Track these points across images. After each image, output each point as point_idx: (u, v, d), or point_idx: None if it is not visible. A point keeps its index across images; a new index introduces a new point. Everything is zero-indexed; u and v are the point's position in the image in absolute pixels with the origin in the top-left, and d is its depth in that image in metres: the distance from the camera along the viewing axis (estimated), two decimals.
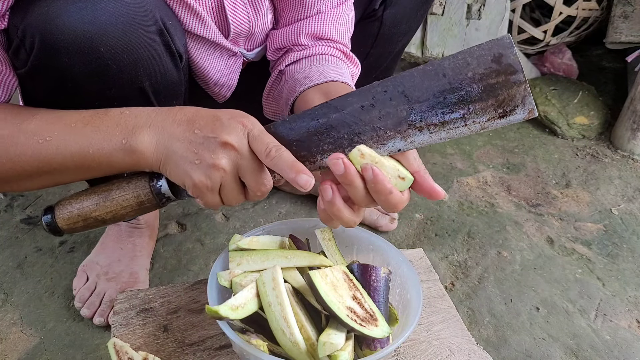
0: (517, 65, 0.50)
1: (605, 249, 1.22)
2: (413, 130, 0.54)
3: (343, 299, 0.57)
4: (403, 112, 0.54)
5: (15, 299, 1.04)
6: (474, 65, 0.51)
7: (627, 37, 1.72)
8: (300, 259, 0.64)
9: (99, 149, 0.58)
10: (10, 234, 1.19)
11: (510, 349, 0.97)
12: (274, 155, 0.55)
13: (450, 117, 0.53)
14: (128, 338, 0.68)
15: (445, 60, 0.52)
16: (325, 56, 0.82)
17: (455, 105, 0.52)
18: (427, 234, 1.24)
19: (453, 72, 0.51)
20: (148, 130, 0.57)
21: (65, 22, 0.59)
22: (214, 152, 0.55)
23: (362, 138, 0.56)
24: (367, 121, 0.55)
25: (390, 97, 0.54)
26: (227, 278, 0.62)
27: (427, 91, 0.52)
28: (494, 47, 0.50)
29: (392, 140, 0.55)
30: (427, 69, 0.52)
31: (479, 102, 0.51)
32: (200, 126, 0.56)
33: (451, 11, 1.67)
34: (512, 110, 0.51)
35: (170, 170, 0.58)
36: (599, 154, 1.57)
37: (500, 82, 0.50)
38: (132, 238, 1.08)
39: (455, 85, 0.52)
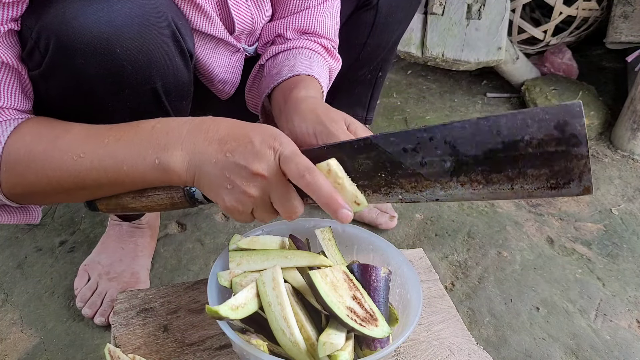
0: (582, 138, 0.45)
1: (605, 249, 1.22)
2: (455, 183, 0.51)
3: (343, 299, 0.57)
4: (447, 164, 0.51)
5: (15, 299, 1.04)
6: (533, 129, 0.47)
7: (627, 37, 1.72)
8: (300, 259, 0.64)
9: (132, 167, 0.58)
10: (10, 234, 1.19)
11: (510, 349, 0.97)
12: (309, 181, 0.53)
13: (497, 178, 0.49)
14: (128, 338, 0.68)
15: (502, 118, 0.48)
16: (300, 49, 0.82)
17: (504, 166, 0.49)
18: (427, 234, 1.24)
19: (508, 132, 0.48)
20: (180, 149, 0.57)
21: (82, 24, 0.59)
22: (245, 180, 0.55)
23: (400, 181, 0.53)
24: (407, 165, 0.52)
25: (436, 145, 0.51)
26: (227, 278, 0.62)
27: (476, 146, 0.49)
28: (561, 113, 0.46)
29: (431, 189, 0.53)
30: (480, 124, 0.49)
31: (531, 169, 0.48)
32: (232, 149, 0.55)
33: (451, 11, 1.67)
34: (565, 183, 0.47)
35: (203, 188, 0.58)
36: (599, 154, 1.57)
37: (560, 152, 0.46)
38: (134, 238, 1.08)
39: (509, 146, 0.48)
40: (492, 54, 1.66)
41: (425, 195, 0.53)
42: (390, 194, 0.55)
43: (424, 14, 1.69)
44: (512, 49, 1.80)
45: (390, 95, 1.92)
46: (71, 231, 1.20)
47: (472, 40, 1.66)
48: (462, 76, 2.04)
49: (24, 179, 0.61)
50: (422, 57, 1.70)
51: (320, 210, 1.27)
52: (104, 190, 0.62)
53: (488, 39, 1.66)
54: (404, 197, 0.54)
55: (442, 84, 2.00)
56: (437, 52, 1.68)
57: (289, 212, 0.58)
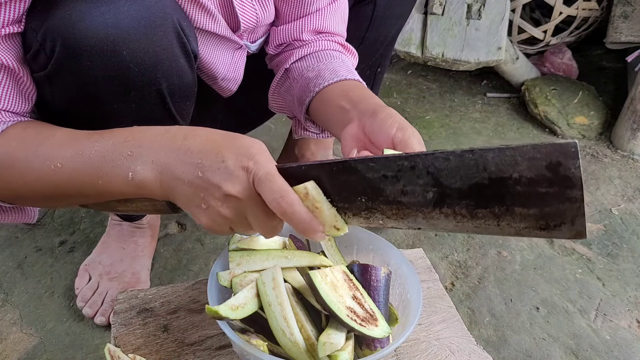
0: (576, 180, 0.41)
1: (605, 249, 1.22)
2: (438, 214, 0.48)
3: (343, 299, 0.57)
4: (429, 194, 0.48)
5: (15, 299, 1.04)
6: (522, 168, 0.43)
7: (627, 37, 1.72)
8: (300, 259, 0.64)
9: (108, 182, 0.57)
10: (10, 234, 1.19)
11: (510, 349, 0.97)
12: (285, 209, 0.51)
13: (482, 213, 0.46)
14: (128, 338, 0.68)
15: (489, 152, 0.44)
16: (328, 52, 0.83)
17: (490, 202, 0.46)
18: (427, 234, 1.24)
19: (496, 168, 0.44)
20: (151, 166, 0.55)
21: (89, 26, 0.59)
22: (219, 201, 0.53)
23: (380, 207, 0.51)
24: (388, 192, 0.50)
25: (418, 174, 0.48)
26: (227, 278, 0.62)
27: (461, 180, 0.46)
28: (554, 153, 0.42)
29: (413, 217, 0.50)
30: (465, 157, 0.46)
31: (519, 207, 0.44)
32: (204, 168, 0.53)
33: (451, 11, 1.67)
34: (557, 226, 0.44)
35: (180, 205, 0.57)
36: (599, 154, 1.57)
37: (551, 194, 0.43)
38: (135, 238, 1.08)
39: (495, 183, 0.45)
40: (492, 54, 1.66)
41: (407, 223, 0.51)
42: (371, 218, 0.52)
43: (424, 14, 1.69)
44: (512, 49, 1.80)
45: (390, 95, 1.92)
46: (71, 231, 1.20)
47: (472, 40, 1.66)
48: (462, 76, 2.04)
49: (7, 183, 0.60)
50: (422, 57, 1.70)
51: None
52: (89, 199, 0.62)
53: (488, 39, 1.66)
54: (385, 222, 0.52)
55: (442, 84, 2.00)
56: (437, 52, 1.68)
57: (266, 232, 0.56)
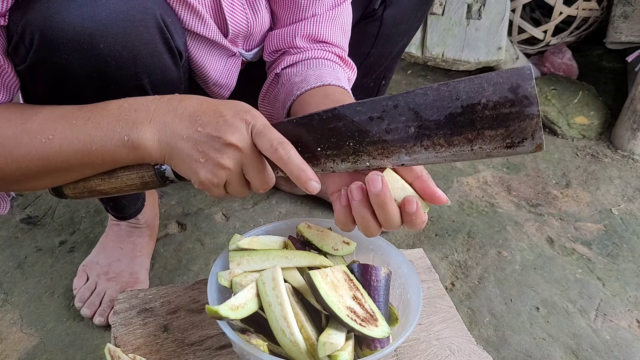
0: (533, 98, 0.49)
1: (605, 249, 1.22)
2: (419, 147, 0.54)
3: (343, 299, 0.57)
4: (411, 129, 0.54)
5: (15, 299, 1.04)
6: (489, 92, 0.50)
7: (627, 37, 1.72)
8: (301, 259, 0.64)
9: (102, 146, 0.58)
10: (10, 234, 1.19)
11: (510, 349, 0.97)
12: (282, 154, 0.55)
13: (457, 140, 0.52)
14: (128, 338, 0.68)
15: (460, 83, 0.51)
16: (321, 60, 0.82)
17: (463, 128, 0.52)
18: (427, 234, 1.24)
19: (467, 96, 0.51)
20: (149, 125, 0.57)
21: (65, 19, 0.59)
22: (218, 152, 0.56)
23: (367, 148, 0.56)
24: (374, 133, 0.55)
25: (400, 112, 0.54)
26: (227, 278, 0.62)
27: (437, 111, 0.52)
28: (513, 76, 0.49)
29: (397, 154, 0.55)
30: (441, 89, 0.52)
31: (488, 130, 0.51)
32: (204, 123, 0.56)
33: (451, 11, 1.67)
34: (520, 142, 0.50)
35: (176, 165, 0.58)
36: (599, 154, 1.57)
37: (513, 113, 0.50)
38: (132, 238, 1.08)
39: (467, 110, 0.51)
40: (492, 54, 1.66)
41: (392, 161, 0.56)
42: (358, 161, 0.57)
43: None
44: (512, 49, 1.79)
45: None
46: (71, 231, 1.20)
47: (472, 40, 1.66)
48: (462, 76, 2.03)
49: None
50: (422, 57, 1.70)
51: (320, 210, 1.27)
52: (74, 172, 0.62)
53: (488, 39, 1.66)
54: (371, 163, 0.57)
55: None
56: (437, 52, 1.67)
57: (262, 183, 0.58)
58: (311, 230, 0.69)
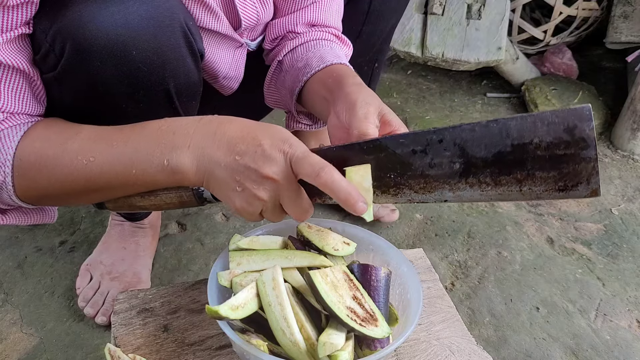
0: (591, 141, 0.46)
1: (605, 249, 1.22)
2: (464, 184, 0.52)
3: (343, 299, 0.57)
4: (456, 165, 0.51)
5: (15, 299, 1.04)
6: (542, 132, 0.47)
7: (627, 37, 1.72)
8: (301, 259, 0.64)
9: (142, 170, 0.58)
10: (10, 234, 1.19)
11: (510, 349, 0.97)
12: (326, 178, 0.53)
13: (505, 180, 0.50)
14: (128, 338, 0.68)
15: (512, 120, 0.48)
16: (319, 41, 0.83)
17: (513, 168, 0.49)
18: (427, 234, 1.24)
19: (518, 135, 0.48)
20: (187, 151, 0.57)
21: (98, 26, 0.59)
22: (255, 183, 0.55)
23: (409, 182, 0.54)
24: (417, 166, 0.53)
25: (445, 147, 0.51)
26: (227, 278, 0.62)
27: (485, 148, 0.50)
28: (570, 116, 0.46)
29: (440, 190, 0.53)
30: (490, 126, 0.49)
31: (539, 171, 0.48)
32: (242, 152, 0.55)
33: (451, 11, 1.67)
34: (573, 186, 0.48)
35: (213, 190, 0.58)
36: (599, 154, 1.57)
37: (568, 155, 0.47)
38: (136, 238, 1.08)
39: (518, 149, 0.48)
40: (492, 54, 1.66)
41: (434, 196, 0.54)
42: (399, 194, 0.55)
43: (423, 14, 1.69)
44: (512, 49, 1.80)
45: (390, 95, 1.92)
46: (71, 231, 1.20)
47: (472, 40, 1.66)
48: (462, 76, 2.04)
49: (36, 183, 0.61)
50: (422, 57, 1.70)
51: (321, 211, 1.27)
52: (116, 192, 0.62)
53: (488, 39, 1.66)
54: (412, 197, 0.55)
55: (442, 84, 2.00)
56: (437, 52, 1.67)
57: (300, 213, 0.58)
58: (311, 230, 0.69)
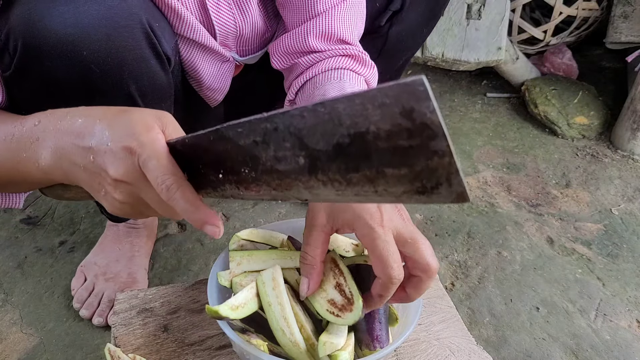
0: (436, 127, 0.33)
1: (605, 249, 1.22)
2: (316, 182, 0.42)
3: (326, 292, 0.58)
4: (301, 159, 0.41)
5: (15, 299, 1.04)
6: (376, 118, 0.35)
7: (627, 37, 1.72)
8: None
9: (25, 168, 0.55)
10: (10, 234, 1.19)
11: (510, 349, 0.97)
12: (170, 196, 0.47)
13: (356, 178, 0.39)
14: (128, 338, 0.68)
15: (339, 102, 0.36)
16: (327, 73, 0.76)
17: (360, 163, 0.38)
18: (427, 234, 1.24)
19: (351, 122, 0.37)
20: (51, 153, 0.52)
21: (47, 26, 0.58)
22: (111, 186, 0.50)
23: (264, 177, 0.45)
24: (264, 160, 0.44)
25: (283, 137, 0.41)
26: (227, 278, 0.62)
27: (322, 139, 0.39)
28: (402, 94, 0.33)
29: (296, 188, 0.44)
30: (317, 110, 0.38)
31: (389, 168, 0.37)
32: (94, 152, 0.49)
33: (451, 11, 1.67)
34: (433, 187, 0.36)
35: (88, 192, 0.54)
36: (599, 154, 1.57)
37: (415, 148, 0.35)
38: (130, 238, 1.08)
39: (357, 139, 0.37)
40: (492, 54, 1.66)
41: (294, 194, 0.45)
42: (262, 191, 0.46)
43: None
44: (512, 49, 1.80)
45: None
46: (71, 231, 1.20)
47: (472, 40, 1.66)
48: (462, 76, 2.04)
49: None
50: (422, 57, 1.70)
51: None
52: (19, 186, 0.60)
53: (488, 39, 1.66)
54: (274, 196, 0.46)
55: (442, 84, 2.00)
56: (437, 52, 1.67)
57: (168, 214, 0.51)
58: None
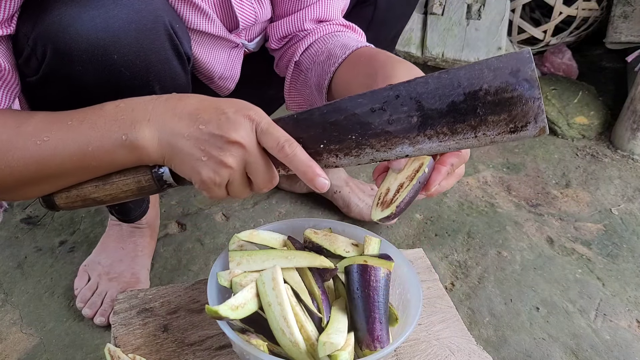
0: (533, 82, 0.49)
1: (605, 249, 1.22)
2: (422, 137, 0.54)
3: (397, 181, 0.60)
4: (414, 119, 0.53)
5: (15, 299, 1.04)
6: (489, 78, 0.50)
7: (627, 37, 1.72)
8: (301, 259, 0.64)
9: (98, 146, 0.56)
10: (10, 234, 1.19)
11: (510, 349, 0.97)
12: (288, 153, 0.54)
13: (461, 128, 0.52)
14: (128, 338, 0.68)
15: (461, 70, 0.51)
16: (334, 33, 0.82)
17: (466, 115, 0.52)
18: (427, 234, 1.24)
19: (468, 83, 0.51)
20: (147, 124, 0.56)
21: (79, 30, 0.58)
22: (221, 150, 0.54)
23: (370, 141, 0.56)
24: (376, 124, 0.55)
25: (402, 102, 0.53)
26: (227, 278, 0.62)
27: (440, 99, 0.52)
28: (513, 60, 0.49)
29: (400, 145, 0.55)
30: (442, 77, 0.52)
31: (491, 115, 0.51)
32: (205, 121, 0.55)
33: (451, 11, 1.67)
34: (523, 126, 0.51)
35: (176, 165, 0.57)
36: (599, 154, 1.57)
37: (515, 97, 0.50)
38: (134, 238, 1.08)
39: (469, 97, 0.51)
40: (492, 54, 1.66)
41: (396, 152, 0.56)
42: (361, 155, 0.57)
43: (423, 14, 1.69)
44: (512, 49, 1.80)
45: None
46: (71, 231, 1.20)
47: (472, 40, 1.66)
48: None
49: None
50: (422, 57, 1.70)
51: (320, 210, 1.27)
52: (69, 177, 0.60)
53: (488, 39, 1.66)
54: (374, 156, 0.57)
55: None
56: (437, 52, 1.68)
57: (265, 182, 0.58)
58: (318, 235, 0.69)
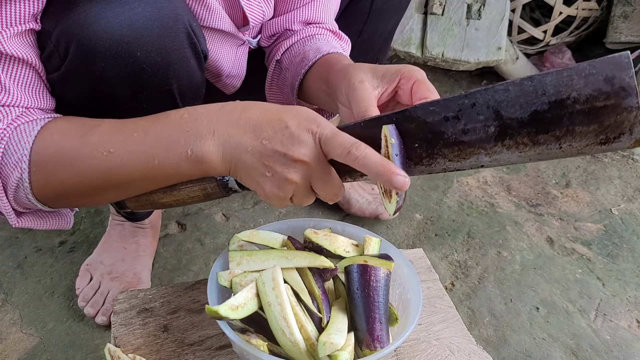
0: (632, 89, 0.44)
1: (605, 249, 1.22)
2: (500, 147, 0.50)
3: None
4: (491, 129, 0.49)
5: (15, 299, 1.04)
6: (580, 86, 0.45)
7: (627, 37, 1.72)
8: (301, 259, 0.64)
9: (164, 159, 0.56)
10: (10, 234, 1.19)
11: (510, 349, 0.97)
12: (358, 155, 0.52)
13: (544, 138, 0.48)
14: (128, 338, 0.68)
15: (547, 76, 0.46)
16: (314, 36, 0.84)
17: (550, 126, 0.47)
18: (427, 234, 1.24)
19: (555, 91, 0.46)
20: (212, 139, 0.55)
21: (103, 27, 0.58)
22: (285, 167, 0.54)
23: (442, 150, 0.52)
24: (450, 134, 0.51)
25: (478, 111, 0.49)
26: (227, 278, 0.62)
27: (521, 108, 0.48)
28: (608, 66, 0.44)
29: (475, 156, 0.51)
30: (524, 85, 0.47)
31: (579, 126, 0.46)
32: (269, 136, 0.54)
33: (451, 11, 1.67)
34: (616, 137, 0.46)
35: (241, 177, 0.57)
36: (599, 154, 1.57)
37: (609, 107, 0.45)
38: (136, 238, 1.08)
39: (555, 106, 0.46)
40: (492, 54, 1.66)
41: (470, 163, 0.52)
42: (433, 164, 0.54)
43: (423, 14, 1.69)
44: (512, 49, 1.80)
45: None
46: (71, 231, 1.20)
47: (472, 40, 1.66)
48: (462, 76, 2.04)
49: (54, 178, 0.59)
50: (422, 57, 1.70)
51: (320, 211, 1.27)
52: (136, 186, 0.60)
53: (488, 39, 1.66)
54: (447, 166, 0.53)
55: (442, 84, 2.00)
56: (437, 52, 1.67)
57: (332, 194, 0.57)
58: (318, 236, 0.69)
